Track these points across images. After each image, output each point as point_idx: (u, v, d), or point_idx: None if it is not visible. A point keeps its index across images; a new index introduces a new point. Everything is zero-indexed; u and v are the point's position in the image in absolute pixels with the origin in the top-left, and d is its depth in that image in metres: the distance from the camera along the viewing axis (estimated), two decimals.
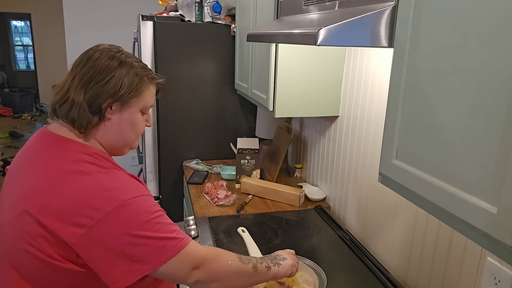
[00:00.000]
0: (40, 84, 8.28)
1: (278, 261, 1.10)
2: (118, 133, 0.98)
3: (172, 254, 0.88)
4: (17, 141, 6.29)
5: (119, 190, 0.87)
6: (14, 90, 8.56)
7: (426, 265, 1.23)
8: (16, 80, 8.95)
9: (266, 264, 1.05)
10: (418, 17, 0.72)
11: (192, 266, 0.91)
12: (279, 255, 1.13)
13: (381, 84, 1.43)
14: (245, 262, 1.00)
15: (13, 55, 9.06)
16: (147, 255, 0.86)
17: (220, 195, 1.91)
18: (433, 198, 0.68)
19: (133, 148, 1.07)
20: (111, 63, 0.92)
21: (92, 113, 0.92)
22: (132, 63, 0.96)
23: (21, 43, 9.16)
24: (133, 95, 0.95)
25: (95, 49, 0.96)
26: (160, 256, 0.87)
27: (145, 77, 0.98)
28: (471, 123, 0.60)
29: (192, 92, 2.48)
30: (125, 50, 1.00)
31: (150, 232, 0.86)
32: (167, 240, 0.88)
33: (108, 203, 0.84)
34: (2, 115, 8.02)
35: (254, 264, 1.02)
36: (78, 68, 0.93)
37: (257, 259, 1.04)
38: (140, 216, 0.86)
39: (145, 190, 0.93)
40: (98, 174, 0.88)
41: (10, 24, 8.93)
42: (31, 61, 8.94)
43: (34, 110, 8.32)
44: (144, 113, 1.02)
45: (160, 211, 0.91)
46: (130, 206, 0.85)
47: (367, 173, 1.55)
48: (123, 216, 0.84)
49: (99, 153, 0.95)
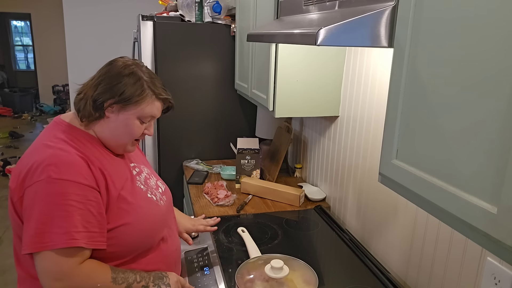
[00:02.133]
0: (40, 84, 8.29)
1: (161, 283, 1.09)
2: (112, 131, 1.09)
3: (57, 245, 0.93)
4: (17, 141, 6.29)
5: (54, 167, 0.96)
6: (14, 90, 8.56)
7: (426, 265, 1.23)
8: (16, 80, 8.95)
9: (145, 283, 1.06)
10: (418, 17, 0.72)
11: (55, 276, 0.95)
12: (166, 278, 1.11)
13: (381, 84, 1.43)
14: (119, 283, 1.01)
15: (13, 55, 9.07)
16: (41, 234, 0.93)
17: (220, 195, 1.91)
18: (433, 198, 0.68)
19: (128, 151, 1.16)
20: (123, 71, 1.07)
21: (94, 108, 1.05)
22: (142, 76, 1.08)
23: (21, 43, 9.16)
24: (133, 102, 1.06)
25: (117, 59, 1.12)
26: (48, 241, 0.93)
27: (150, 90, 1.09)
28: (471, 123, 0.60)
29: (192, 92, 2.48)
30: (144, 66, 1.13)
31: (52, 215, 0.94)
32: (61, 229, 0.93)
33: (40, 175, 0.95)
34: (2, 115, 8.02)
35: (129, 283, 1.03)
36: (98, 72, 1.10)
37: (135, 277, 1.05)
38: (53, 197, 0.94)
39: (83, 179, 0.98)
40: (55, 150, 0.99)
41: (10, 24, 8.93)
42: (31, 61, 8.94)
43: (34, 110, 8.33)
44: (143, 122, 1.11)
45: (76, 202, 0.95)
46: (51, 184, 0.94)
47: (367, 173, 1.55)
48: (41, 191, 0.94)
49: (88, 137, 1.08)
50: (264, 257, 1.27)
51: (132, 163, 1.20)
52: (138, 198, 1.11)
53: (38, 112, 8.24)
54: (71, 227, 0.94)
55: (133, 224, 1.07)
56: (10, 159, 5.02)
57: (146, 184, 1.18)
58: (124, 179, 1.10)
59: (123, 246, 1.05)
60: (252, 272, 1.18)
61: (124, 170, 1.14)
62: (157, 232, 1.14)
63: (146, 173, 1.23)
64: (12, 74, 8.98)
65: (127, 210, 1.06)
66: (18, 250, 1.07)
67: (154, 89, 1.10)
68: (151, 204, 1.14)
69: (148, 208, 1.12)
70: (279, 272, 1.13)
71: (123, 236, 1.05)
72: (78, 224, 0.95)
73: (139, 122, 1.10)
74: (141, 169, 1.21)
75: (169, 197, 1.27)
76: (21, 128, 7.00)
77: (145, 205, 1.12)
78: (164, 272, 1.13)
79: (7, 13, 8.29)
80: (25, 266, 1.05)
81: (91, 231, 0.97)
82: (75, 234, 0.94)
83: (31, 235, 0.94)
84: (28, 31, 8.63)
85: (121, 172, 1.11)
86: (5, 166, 4.83)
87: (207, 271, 1.31)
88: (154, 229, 1.13)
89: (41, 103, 8.35)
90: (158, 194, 1.20)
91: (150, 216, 1.12)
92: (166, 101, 1.15)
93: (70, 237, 0.94)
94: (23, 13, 8.05)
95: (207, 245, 1.47)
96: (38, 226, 0.94)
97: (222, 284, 1.26)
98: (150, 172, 1.27)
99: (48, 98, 8.37)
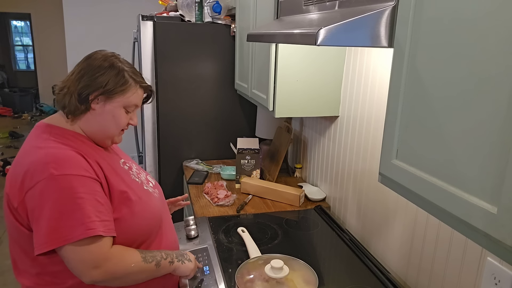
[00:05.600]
0: (40, 84, 8.28)
1: (184, 259, 1.18)
2: (99, 123, 1.10)
3: (75, 238, 0.93)
4: (17, 141, 6.29)
5: (54, 164, 0.96)
6: (14, 90, 8.55)
7: (426, 265, 1.23)
8: (16, 80, 8.95)
9: (170, 259, 1.13)
10: (418, 17, 0.72)
11: (92, 264, 0.96)
12: (186, 254, 1.21)
13: (381, 84, 1.43)
14: (149, 261, 1.07)
15: (13, 55, 9.06)
16: (55, 230, 0.93)
17: (220, 195, 1.91)
18: (433, 198, 0.68)
19: (115, 142, 1.18)
20: (104, 64, 1.08)
21: (80, 102, 1.06)
22: (123, 67, 1.10)
23: (21, 43, 9.16)
24: (117, 92, 1.08)
25: (95, 52, 1.12)
26: (64, 236, 0.93)
27: (132, 80, 1.11)
28: (471, 123, 0.60)
29: (192, 92, 2.48)
30: (122, 57, 1.15)
31: (64, 209, 0.94)
32: (75, 221, 0.94)
33: (40, 175, 0.95)
34: (2, 115, 8.02)
35: (157, 261, 1.09)
36: (78, 66, 1.11)
37: (162, 255, 1.11)
38: (60, 193, 0.94)
39: (84, 171, 0.99)
40: (48, 149, 1.00)
41: (10, 24, 8.93)
42: (31, 61, 8.94)
43: (34, 110, 8.32)
44: (128, 112, 1.13)
45: (84, 194, 0.96)
46: (55, 181, 0.94)
47: (367, 173, 1.55)
48: (47, 189, 0.94)
49: (74, 134, 1.08)
50: (264, 257, 1.27)
51: (122, 159, 1.22)
52: (136, 190, 1.13)
53: (38, 112, 8.23)
54: (85, 217, 0.95)
55: (136, 213, 1.09)
56: (10, 159, 5.02)
57: (139, 178, 1.21)
58: (119, 171, 1.12)
59: (126, 236, 1.06)
60: (252, 272, 1.18)
61: (117, 163, 1.16)
62: (157, 221, 1.17)
63: (136, 168, 1.26)
64: (12, 74, 8.98)
65: (129, 200, 1.08)
66: (17, 259, 1.07)
67: (135, 78, 1.12)
68: (149, 195, 1.17)
69: (147, 198, 1.15)
70: (279, 272, 1.13)
71: (126, 226, 1.06)
72: (91, 214, 0.96)
73: (125, 112, 1.12)
74: (130, 165, 1.24)
75: (160, 190, 1.30)
76: (21, 128, 6.99)
77: (143, 196, 1.14)
78: (182, 251, 1.22)
79: (7, 13, 8.28)
80: (28, 273, 1.04)
81: (103, 219, 0.98)
82: (90, 224, 0.95)
83: (45, 233, 0.94)
84: (28, 31, 8.63)
85: (115, 164, 1.13)
86: (5, 166, 4.84)
87: (207, 271, 1.31)
88: (154, 218, 1.16)
89: (41, 103, 8.34)
90: (150, 188, 1.23)
91: (150, 206, 1.15)
92: (147, 89, 1.18)
93: (87, 227, 0.94)
94: (23, 13, 8.04)
95: (207, 245, 1.47)
96: (51, 224, 0.93)
97: (222, 284, 1.26)
98: (139, 168, 1.30)
99: (48, 98, 8.36)
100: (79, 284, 1.02)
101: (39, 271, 1.03)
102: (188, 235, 1.52)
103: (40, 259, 1.00)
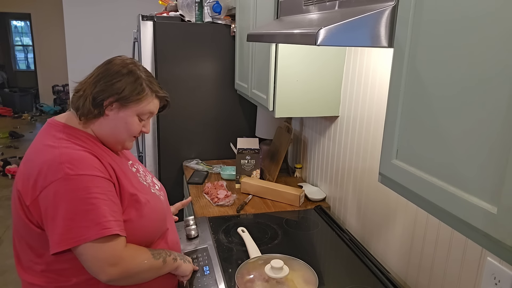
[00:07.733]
0: (40, 84, 8.29)
1: (185, 259, 1.22)
2: (111, 129, 1.10)
3: (91, 238, 0.94)
4: (17, 141, 6.29)
5: (68, 164, 0.96)
6: (14, 90, 8.56)
7: (426, 265, 1.23)
8: (16, 80, 8.95)
9: (174, 257, 1.16)
10: (418, 17, 0.72)
11: (108, 262, 0.97)
12: (185, 257, 1.25)
13: (381, 84, 1.43)
14: (157, 258, 1.09)
15: (13, 55, 9.06)
16: (71, 230, 0.94)
17: (220, 195, 1.91)
18: (433, 198, 0.68)
19: (126, 148, 1.18)
20: (122, 70, 1.08)
21: (93, 106, 1.06)
22: (140, 75, 1.10)
23: (21, 43, 9.16)
24: (133, 100, 1.08)
25: (115, 58, 1.13)
26: (80, 235, 0.94)
27: (149, 89, 1.11)
28: (471, 123, 0.60)
29: (192, 92, 2.48)
30: (141, 65, 1.14)
31: (79, 209, 0.94)
32: (91, 221, 0.94)
33: (55, 174, 0.95)
34: (2, 115, 8.02)
35: (164, 257, 1.12)
36: (97, 69, 1.11)
37: (166, 252, 1.14)
38: (76, 193, 0.94)
39: (99, 172, 1.00)
40: (62, 149, 1.00)
41: (10, 24, 8.92)
42: (31, 61, 8.94)
43: (34, 110, 8.32)
44: (141, 120, 1.13)
45: (99, 194, 0.97)
46: (70, 181, 0.95)
47: (367, 173, 1.55)
48: (62, 188, 0.94)
49: (87, 136, 1.08)
50: (264, 257, 1.27)
51: (130, 161, 1.23)
52: (144, 192, 1.14)
53: (38, 112, 8.23)
54: (101, 217, 0.95)
55: (144, 216, 1.10)
56: (10, 159, 5.02)
57: (146, 181, 1.22)
58: (128, 174, 1.13)
59: (133, 238, 1.07)
60: (252, 272, 1.18)
61: (126, 166, 1.17)
62: (163, 224, 1.19)
63: (143, 171, 1.27)
64: (12, 74, 8.98)
65: (139, 202, 1.09)
66: (22, 256, 1.07)
67: (152, 87, 1.12)
68: (156, 198, 1.19)
69: (154, 201, 1.16)
70: (279, 272, 1.13)
71: (134, 228, 1.06)
72: (107, 214, 0.97)
73: (138, 120, 1.12)
74: (137, 167, 1.25)
75: (165, 193, 1.32)
76: (21, 128, 7.00)
77: (151, 199, 1.15)
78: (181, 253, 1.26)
79: (7, 13, 8.28)
80: (33, 270, 1.05)
81: (118, 219, 0.99)
82: (107, 223, 0.96)
83: (61, 232, 0.94)
84: (28, 31, 8.63)
85: (124, 167, 1.15)
86: (5, 166, 4.83)
87: (207, 271, 1.31)
88: (161, 220, 1.18)
89: (41, 103, 8.35)
90: (157, 191, 1.24)
91: (157, 209, 1.17)
92: (163, 99, 1.18)
93: (104, 226, 0.95)
94: (23, 13, 8.05)
95: (207, 245, 1.47)
96: (66, 223, 0.94)
97: (222, 284, 1.26)
98: (145, 170, 1.31)
99: (48, 98, 8.37)
100: (83, 282, 1.03)
101: (44, 269, 1.03)
102: (188, 235, 1.52)
103: (47, 257, 1.01)
